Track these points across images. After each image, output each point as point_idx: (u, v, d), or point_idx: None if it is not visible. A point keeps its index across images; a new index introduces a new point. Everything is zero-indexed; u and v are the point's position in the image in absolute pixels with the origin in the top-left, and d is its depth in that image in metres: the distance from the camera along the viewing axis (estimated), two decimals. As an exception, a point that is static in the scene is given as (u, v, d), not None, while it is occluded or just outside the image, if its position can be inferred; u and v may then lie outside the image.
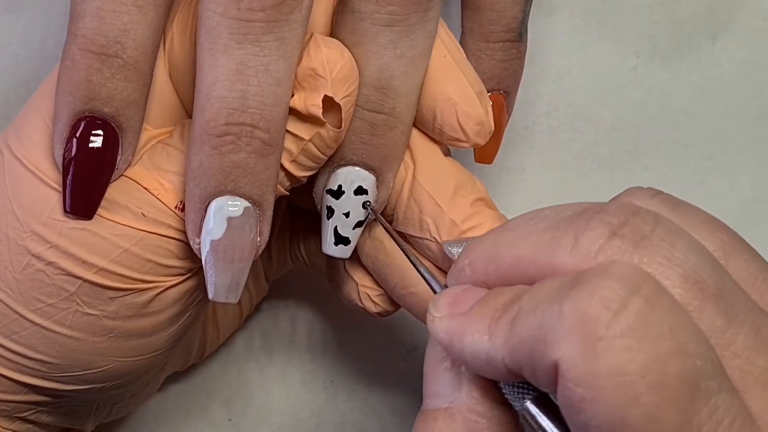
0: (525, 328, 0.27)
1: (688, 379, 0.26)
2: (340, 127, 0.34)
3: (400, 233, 0.38)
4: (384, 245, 0.38)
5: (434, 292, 0.33)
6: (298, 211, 0.43)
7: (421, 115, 0.37)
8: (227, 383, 0.48)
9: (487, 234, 0.31)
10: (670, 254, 0.28)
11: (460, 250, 0.36)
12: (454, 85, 0.36)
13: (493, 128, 0.37)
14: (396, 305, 0.40)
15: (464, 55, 0.37)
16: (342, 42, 0.35)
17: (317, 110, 0.34)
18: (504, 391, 0.30)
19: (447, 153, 0.39)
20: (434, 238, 0.37)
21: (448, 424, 0.30)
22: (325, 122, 0.34)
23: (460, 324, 0.29)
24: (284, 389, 0.48)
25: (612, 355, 0.25)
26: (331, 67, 0.34)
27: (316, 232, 0.38)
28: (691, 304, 0.27)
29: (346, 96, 0.34)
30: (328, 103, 0.34)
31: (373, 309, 0.40)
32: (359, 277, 0.40)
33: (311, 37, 0.34)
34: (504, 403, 0.30)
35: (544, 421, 0.29)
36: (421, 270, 0.34)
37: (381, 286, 0.40)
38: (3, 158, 0.35)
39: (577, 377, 0.26)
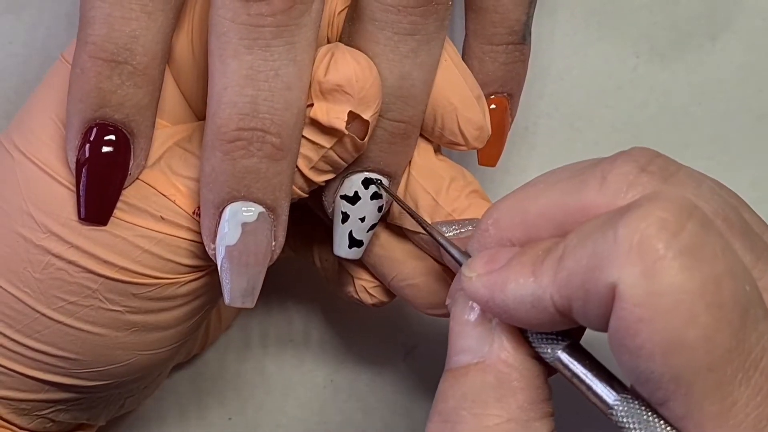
0: (574, 260, 0.27)
1: (740, 302, 0.26)
2: (364, 138, 0.35)
3: (398, 227, 0.38)
4: (380, 239, 0.39)
5: (459, 264, 0.33)
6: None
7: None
8: (227, 383, 0.48)
9: (508, 194, 0.32)
10: (697, 191, 0.28)
11: (451, 230, 0.36)
12: (455, 90, 0.36)
13: (490, 132, 0.37)
14: (391, 296, 0.41)
15: (461, 59, 0.37)
16: (360, 50, 0.35)
17: (340, 123, 0.34)
18: (534, 343, 0.30)
19: (437, 149, 0.39)
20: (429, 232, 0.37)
21: (479, 378, 0.30)
22: (347, 134, 0.34)
23: (501, 276, 0.29)
24: (284, 389, 0.48)
25: (671, 274, 0.26)
26: (361, 85, 0.34)
27: (308, 224, 0.38)
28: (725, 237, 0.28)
29: (375, 114, 0.34)
30: (352, 116, 0.34)
31: (369, 300, 0.41)
32: (355, 270, 0.40)
33: (335, 47, 0.34)
34: (534, 357, 0.30)
35: (577, 367, 0.29)
36: (442, 241, 0.34)
37: (377, 278, 0.40)
38: (13, 159, 0.35)
39: (636, 297, 0.26)
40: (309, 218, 0.41)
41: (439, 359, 0.48)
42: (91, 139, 0.33)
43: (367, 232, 0.37)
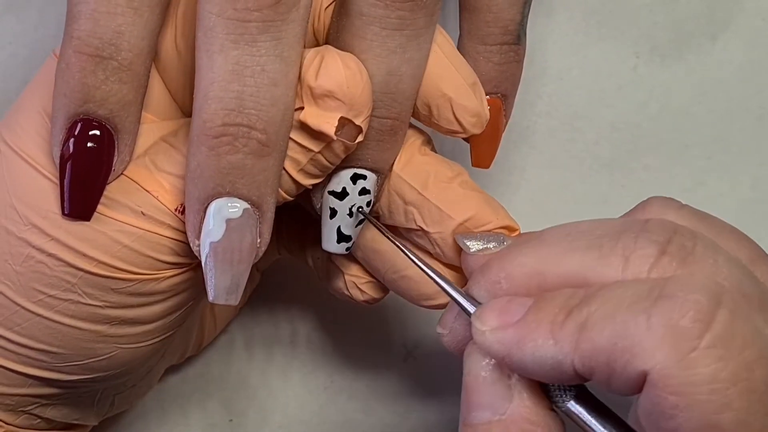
0: (599, 334, 0.29)
1: None
2: (354, 141, 0.34)
3: (391, 227, 0.38)
4: (371, 233, 0.39)
5: (467, 312, 0.33)
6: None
7: (416, 111, 0.37)
8: (228, 384, 0.48)
9: (520, 247, 0.33)
10: (716, 268, 0.30)
11: (475, 244, 0.36)
12: (447, 80, 0.36)
13: (488, 117, 0.37)
14: (383, 292, 0.40)
15: (455, 47, 0.37)
16: (347, 46, 0.34)
17: (330, 128, 0.33)
18: (551, 394, 0.31)
19: (429, 141, 0.39)
20: (420, 227, 0.37)
21: None
22: (335, 139, 0.34)
23: (517, 332, 0.30)
24: (285, 390, 0.48)
25: (705, 364, 0.27)
26: (352, 91, 0.33)
27: (300, 223, 0.38)
28: None
29: (366, 118, 0.34)
30: (344, 121, 0.34)
31: (360, 297, 0.40)
32: (345, 266, 0.40)
33: (325, 49, 0.34)
34: (552, 409, 0.31)
35: (590, 418, 0.31)
36: (449, 289, 0.34)
37: (367, 274, 0.40)
38: (0, 152, 0.35)
39: (671, 386, 0.27)
40: (299, 217, 0.41)
41: (439, 360, 0.48)
42: (76, 134, 0.33)
43: (356, 227, 0.37)
